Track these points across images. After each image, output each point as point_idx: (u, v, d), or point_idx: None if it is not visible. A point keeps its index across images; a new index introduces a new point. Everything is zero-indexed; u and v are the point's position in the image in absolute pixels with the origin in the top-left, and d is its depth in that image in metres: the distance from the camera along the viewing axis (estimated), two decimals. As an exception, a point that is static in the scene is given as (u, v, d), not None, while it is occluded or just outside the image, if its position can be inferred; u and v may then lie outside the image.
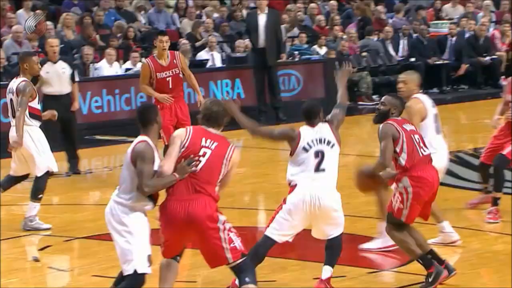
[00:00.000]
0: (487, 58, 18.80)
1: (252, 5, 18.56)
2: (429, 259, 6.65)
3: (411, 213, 6.67)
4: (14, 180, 8.71)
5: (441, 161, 7.44)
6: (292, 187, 6.52)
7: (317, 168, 6.43)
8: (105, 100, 14.62)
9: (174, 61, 9.95)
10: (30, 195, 8.58)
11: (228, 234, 5.76)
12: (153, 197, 5.79)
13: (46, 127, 11.25)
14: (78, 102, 11.75)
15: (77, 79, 11.48)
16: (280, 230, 6.46)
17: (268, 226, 6.53)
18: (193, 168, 5.74)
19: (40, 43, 14.84)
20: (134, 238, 5.70)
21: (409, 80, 7.50)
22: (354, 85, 17.07)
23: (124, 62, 15.74)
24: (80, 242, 8.31)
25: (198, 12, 18.16)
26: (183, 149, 5.78)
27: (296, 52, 17.44)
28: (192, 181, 5.73)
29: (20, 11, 16.32)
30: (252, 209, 9.69)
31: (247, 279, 5.76)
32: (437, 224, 7.69)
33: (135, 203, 5.74)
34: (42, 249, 8.05)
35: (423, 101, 7.51)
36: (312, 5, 19.55)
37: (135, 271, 5.69)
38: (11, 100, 8.58)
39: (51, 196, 9.40)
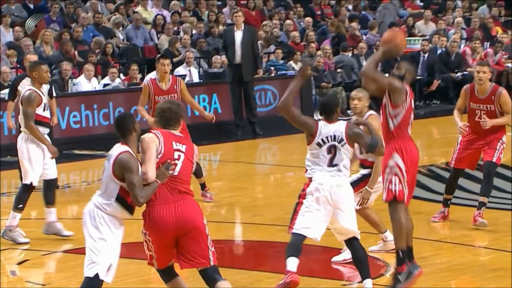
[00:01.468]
0: (459, 74, 19.12)
1: (229, 21, 18.75)
2: (405, 257, 6.80)
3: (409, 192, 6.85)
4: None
5: None
6: (308, 179, 6.64)
7: (330, 163, 6.57)
8: (83, 115, 14.69)
9: (175, 86, 9.97)
10: (12, 205, 8.68)
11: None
12: (131, 207, 5.91)
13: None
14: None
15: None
16: (305, 224, 6.52)
17: (291, 227, 6.60)
18: (171, 172, 5.88)
19: (19, 58, 14.92)
20: (105, 245, 5.81)
21: (363, 97, 7.65)
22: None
23: (103, 77, 15.86)
24: (58, 256, 8.38)
25: (175, 28, 18.30)
26: (160, 155, 5.92)
27: (272, 68, 17.65)
28: (173, 183, 5.89)
29: (-1, 27, 16.41)
30: (229, 222, 9.81)
31: (221, 278, 5.89)
32: (379, 235, 7.86)
33: (114, 211, 5.86)
34: (20, 263, 8.11)
35: (378, 117, 7.70)
36: (288, 21, 19.77)
37: (96, 275, 5.78)
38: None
39: (29, 210, 9.45)
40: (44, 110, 8.74)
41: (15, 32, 16.13)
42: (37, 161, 8.67)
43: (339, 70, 18.28)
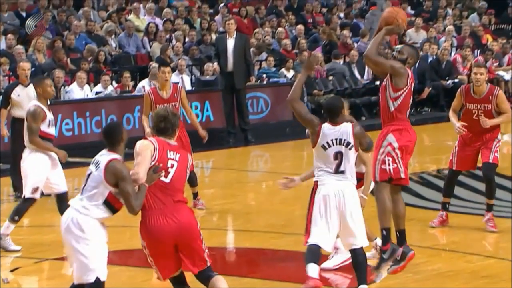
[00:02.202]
0: (449, 81, 19.22)
1: (221, 29, 18.81)
2: (389, 236, 6.86)
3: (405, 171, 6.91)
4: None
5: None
6: (315, 183, 6.66)
7: (337, 170, 6.57)
8: (76, 123, 14.70)
9: (175, 94, 9.97)
10: (9, 215, 8.70)
11: None
12: (115, 209, 5.94)
13: (14, 150, 11.43)
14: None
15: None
16: (319, 234, 6.54)
17: (307, 238, 6.63)
18: (160, 174, 5.91)
19: (12, 66, 14.93)
20: (96, 249, 5.85)
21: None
22: (321, 107, 17.35)
23: (95, 85, 15.88)
24: (50, 264, 8.38)
25: (168, 36, 18.34)
26: (153, 162, 5.97)
27: (264, 75, 17.70)
28: (167, 192, 5.94)
29: (-9, 35, 16.41)
30: (221, 229, 9.84)
31: (215, 273, 5.98)
32: (371, 242, 7.92)
33: (99, 214, 5.89)
34: (12, 270, 8.10)
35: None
36: (280, 29, 19.85)
37: (97, 278, 5.82)
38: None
39: (22, 218, 9.49)
40: (48, 126, 8.77)
41: (7, 40, 16.13)
42: (40, 175, 8.66)
43: (330, 77, 18.35)
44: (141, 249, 6.07)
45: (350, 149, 6.59)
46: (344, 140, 6.57)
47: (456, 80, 19.22)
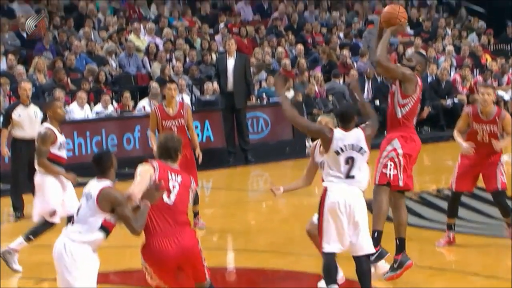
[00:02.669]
0: (449, 101, 19.27)
1: (221, 49, 18.87)
2: (379, 239, 6.90)
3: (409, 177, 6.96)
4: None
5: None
6: (324, 189, 6.69)
7: (347, 175, 6.62)
8: (76, 143, 14.70)
9: (182, 111, 10.01)
10: (26, 232, 8.70)
11: None
12: (108, 230, 5.98)
13: (15, 170, 11.44)
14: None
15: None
16: (332, 241, 6.58)
17: (321, 245, 6.67)
18: (162, 192, 5.95)
19: (12, 87, 14.97)
20: (85, 276, 5.88)
21: (330, 121, 7.75)
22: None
23: (95, 104, 15.92)
24: (50, 284, 8.35)
25: (168, 55, 18.40)
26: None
27: (264, 95, 17.75)
28: (170, 214, 5.97)
29: (-8, 55, 16.47)
30: (221, 249, 9.82)
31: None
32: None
33: (95, 240, 5.94)
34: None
35: None
36: (280, 49, 19.92)
37: None
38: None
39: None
40: (59, 149, 8.79)
41: (8, 60, 16.18)
42: (56, 198, 8.68)
43: (330, 97, 18.40)
44: (141, 269, 6.08)
45: (362, 154, 6.66)
46: (357, 145, 6.65)
47: (455, 100, 19.27)
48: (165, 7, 20.49)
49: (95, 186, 5.96)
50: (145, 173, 5.99)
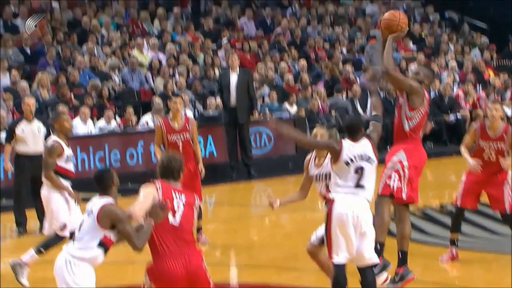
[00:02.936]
0: (452, 118, 19.28)
1: (224, 64, 18.92)
2: (381, 251, 6.94)
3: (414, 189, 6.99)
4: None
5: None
6: (330, 200, 6.72)
7: (357, 184, 6.67)
8: (79, 158, 14.72)
9: (187, 125, 9.98)
10: (37, 244, 8.72)
11: None
12: (106, 246, 5.99)
13: (17, 186, 11.45)
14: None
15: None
16: (341, 251, 6.61)
17: (330, 256, 6.69)
18: (167, 212, 5.94)
19: (15, 102, 15.01)
20: None
21: (325, 133, 7.76)
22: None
23: (98, 119, 15.95)
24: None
25: (171, 71, 18.44)
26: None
27: (267, 110, 17.77)
28: (177, 235, 5.96)
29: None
30: (224, 264, 9.78)
31: None
32: None
33: (94, 257, 5.96)
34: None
35: None
36: (282, 64, 19.96)
37: None
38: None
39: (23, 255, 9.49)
40: (66, 162, 8.81)
41: (11, 75, 16.23)
42: (66, 211, 8.71)
43: (333, 113, 18.42)
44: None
45: (371, 163, 6.72)
46: (366, 155, 6.70)
47: (458, 116, 19.28)
48: (168, 23, 20.55)
49: (96, 203, 5.99)
50: (148, 194, 6.00)
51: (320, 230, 7.25)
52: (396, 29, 7.29)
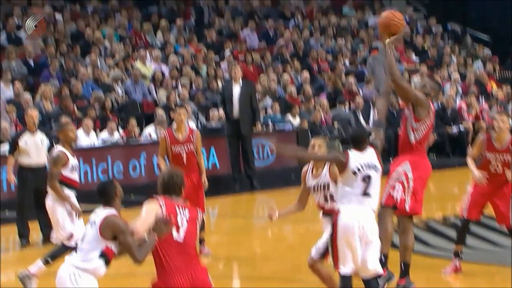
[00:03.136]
0: (455, 128, 19.27)
1: (227, 76, 18.94)
2: (385, 262, 6.93)
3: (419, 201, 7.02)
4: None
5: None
6: (336, 212, 6.73)
7: (364, 192, 6.70)
8: (82, 170, 14.70)
9: (191, 137, 9.96)
10: (45, 254, 8.72)
11: None
12: (107, 257, 5.99)
13: (20, 198, 11.45)
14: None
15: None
16: (347, 262, 6.63)
17: (337, 267, 6.70)
18: (171, 227, 5.94)
19: (18, 114, 15.03)
20: None
21: (323, 144, 7.72)
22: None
23: (101, 130, 15.96)
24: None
25: (174, 82, 18.47)
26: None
27: (270, 122, 17.78)
28: (182, 251, 5.96)
29: (-1, 82, 16.54)
30: (227, 277, 9.76)
31: None
32: None
33: (96, 268, 5.95)
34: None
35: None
36: (285, 76, 19.99)
37: None
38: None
39: (27, 266, 9.46)
40: (71, 171, 8.83)
41: (15, 88, 16.26)
42: (71, 221, 8.73)
43: (336, 125, 18.42)
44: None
45: (376, 171, 6.76)
46: (372, 163, 6.74)
47: (461, 127, 19.28)
48: (171, 34, 20.60)
49: (99, 213, 6.00)
50: (150, 210, 6.01)
51: (320, 243, 7.26)
52: (396, 30, 7.24)
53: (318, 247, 7.26)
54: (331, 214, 7.48)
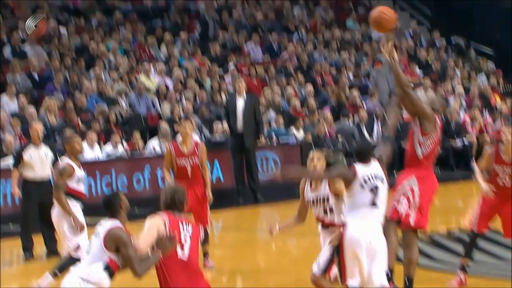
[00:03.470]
0: (458, 142, 19.26)
1: (231, 89, 18.98)
2: (391, 276, 6.98)
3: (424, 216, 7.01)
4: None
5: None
6: (343, 225, 6.74)
7: (372, 203, 6.71)
8: (86, 183, 14.74)
9: (196, 150, 9.96)
10: (53, 267, 8.74)
11: None
12: (113, 271, 6.00)
13: (25, 211, 11.46)
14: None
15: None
16: (355, 275, 6.63)
17: (344, 280, 6.70)
18: (175, 245, 5.95)
19: (23, 127, 15.06)
20: None
21: (322, 157, 7.70)
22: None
23: (105, 144, 15.98)
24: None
25: (178, 96, 18.50)
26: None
27: (274, 135, 17.80)
28: (186, 268, 5.98)
29: (3, 95, 16.55)
30: (231, 290, 9.84)
31: None
32: None
33: (100, 280, 5.96)
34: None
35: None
36: (289, 89, 20.01)
37: None
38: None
39: (31, 279, 9.48)
40: (77, 183, 8.85)
41: (19, 101, 16.29)
42: (77, 233, 8.75)
43: (339, 137, 18.43)
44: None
45: (383, 182, 6.78)
46: (379, 175, 6.76)
47: (465, 141, 19.26)
48: (175, 48, 20.65)
49: (104, 225, 6.01)
50: (153, 226, 6.01)
51: (321, 259, 7.26)
52: (388, 25, 7.21)
53: (319, 263, 7.26)
54: (331, 227, 7.51)
